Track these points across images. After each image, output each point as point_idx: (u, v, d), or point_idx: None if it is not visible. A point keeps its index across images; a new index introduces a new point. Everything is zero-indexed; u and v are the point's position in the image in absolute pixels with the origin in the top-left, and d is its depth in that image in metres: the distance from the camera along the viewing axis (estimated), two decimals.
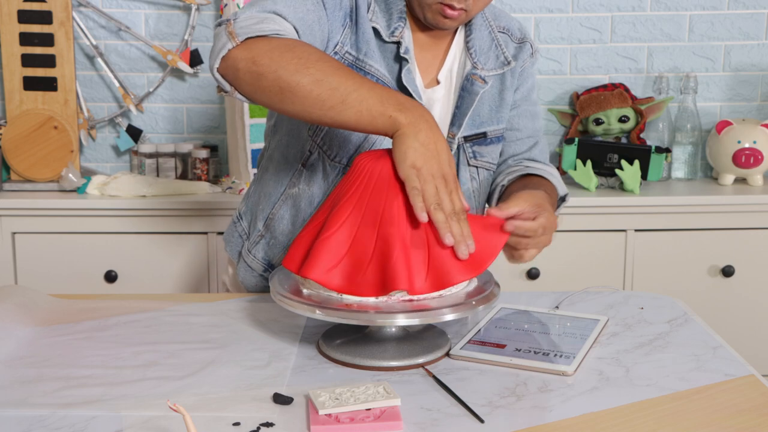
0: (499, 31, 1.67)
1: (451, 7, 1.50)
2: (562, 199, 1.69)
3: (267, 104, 1.37)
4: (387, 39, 1.55)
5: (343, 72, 1.33)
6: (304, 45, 1.36)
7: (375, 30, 1.55)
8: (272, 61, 1.32)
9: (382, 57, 1.56)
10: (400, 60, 1.56)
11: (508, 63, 1.65)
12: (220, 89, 1.41)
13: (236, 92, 1.38)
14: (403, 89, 1.55)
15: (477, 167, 1.66)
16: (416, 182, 1.29)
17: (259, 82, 1.34)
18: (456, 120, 1.62)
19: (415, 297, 1.31)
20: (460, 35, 1.64)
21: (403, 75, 1.55)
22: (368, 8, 1.55)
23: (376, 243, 1.31)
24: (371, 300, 1.31)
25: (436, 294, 1.32)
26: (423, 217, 1.28)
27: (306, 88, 1.31)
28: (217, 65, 1.37)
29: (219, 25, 1.40)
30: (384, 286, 1.30)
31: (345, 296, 1.31)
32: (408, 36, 1.57)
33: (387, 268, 1.30)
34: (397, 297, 1.31)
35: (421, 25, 1.58)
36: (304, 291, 1.35)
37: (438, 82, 1.62)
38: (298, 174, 1.63)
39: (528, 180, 1.65)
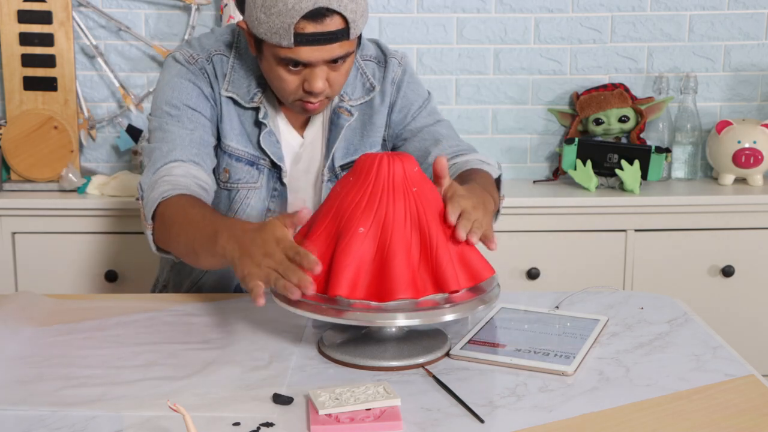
0: (363, 60, 1.76)
1: (310, 102, 1.61)
2: (498, 180, 1.70)
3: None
4: (246, 105, 1.68)
5: (182, 230, 1.48)
6: (168, 210, 1.52)
7: (232, 99, 1.68)
8: (165, 241, 1.55)
9: (242, 125, 1.69)
10: (259, 124, 1.68)
11: (373, 88, 1.75)
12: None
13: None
14: (262, 151, 1.69)
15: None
16: (255, 282, 1.30)
17: (181, 256, 1.55)
18: (327, 152, 1.73)
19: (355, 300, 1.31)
20: None
21: (261, 139, 1.68)
22: (224, 79, 1.68)
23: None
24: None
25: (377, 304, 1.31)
26: (260, 303, 1.29)
27: (183, 255, 1.53)
28: (161, 254, 1.59)
29: (137, 199, 1.62)
30: (327, 288, 1.31)
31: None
32: (268, 100, 1.69)
33: (332, 272, 1.31)
34: (346, 302, 1.31)
35: None
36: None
37: (308, 123, 1.74)
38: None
39: (460, 179, 1.69)
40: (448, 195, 1.39)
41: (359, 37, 1.64)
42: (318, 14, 1.50)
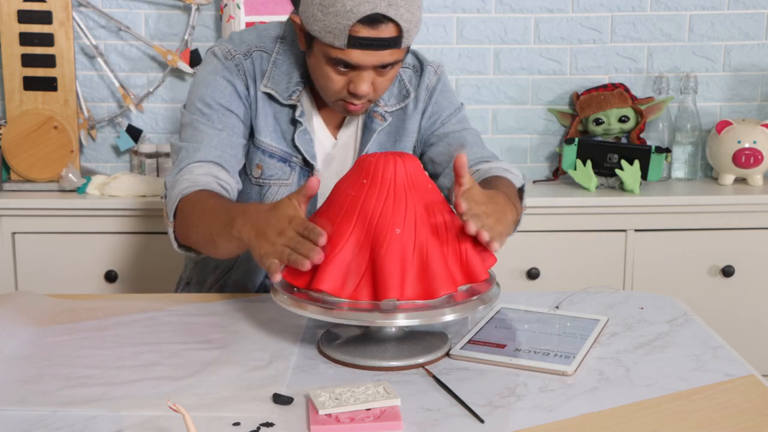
0: (401, 68, 1.77)
1: (353, 103, 1.62)
2: (521, 189, 1.70)
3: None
4: (284, 102, 1.69)
5: (200, 220, 1.51)
6: (188, 205, 1.55)
7: (269, 95, 1.69)
8: (184, 234, 1.58)
9: (277, 121, 1.70)
10: (295, 122, 1.69)
11: (408, 95, 1.76)
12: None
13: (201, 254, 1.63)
14: (296, 149, 1.70)
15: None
16: (271, 260, 1.33)
17: (200, 247, 1.58)
18: (358, 155, 1.74)
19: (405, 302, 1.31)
20: None
21: (296, 137, 1.69)
22: (263, 76, 1.69)
23: (374, 249, 1.32)
24: (364, 302, 1.31)
25: (422, 302, 1.32)
26: (276, 278, 1.32)
27: (201, 246, 1.55)
28: (182, 252, 1.63)
29: (161, 198, 1.63)
30: (376, 293, 1.31)
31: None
32: (306, 99, 1.70)
33: (379, 275, 1.30)
34: (393, 303, 1.31)
35: None
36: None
37: (342, 124, 1.75)
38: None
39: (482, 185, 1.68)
40: (464, 197, 1.38)
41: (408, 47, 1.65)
42: (374, 20, 1.51)
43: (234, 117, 1.67)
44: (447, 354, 1.38)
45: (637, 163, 2.58)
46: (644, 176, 2.60)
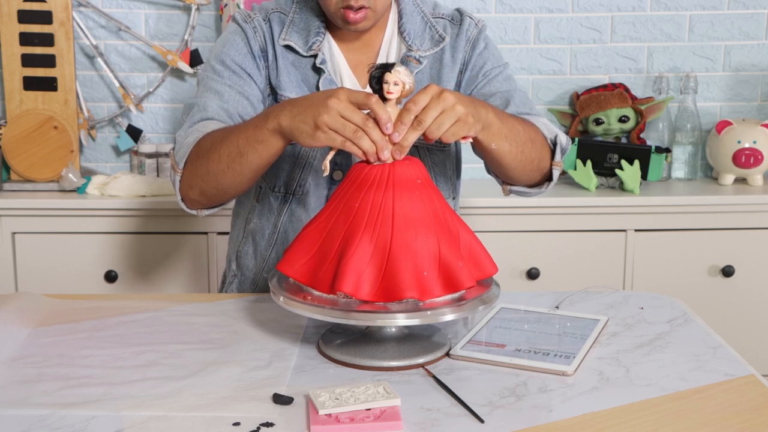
0: (433, 17, 1.73)
1: (351, 9, 1.58)
2: (554, 143, 1.62)
3: (224, 198, 1.59)
4: (305, 54, 1.67)
5: (223, 139, 1.49)
6: (205, 139, 1.53)
7: (289, 47, 1.67)
8: (197, 175, 1.54)
9: (300, 73, 1.67)
10: (318, 71, 1.67)
11: (442, 39, 1.70)
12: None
13: (203, 211, 1.62)
14: None
15: (417, 146, 1.69)
16: (331, 138, 1.32)
17: (208, 196, 1.56)
18: None
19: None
20: (392, 26, 1.71)
21: (320, 85, 1.66)
22: (281, 31, 1.68)
23: (340, 241, 1.32)
24: (325, 296, 1.32)
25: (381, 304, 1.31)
26: (375, 158, 1.32)
27: (222, 171, 1.50)
28: (184, 206, 1.61)
29: (167, 155, 1.57)
30: (332, 285, 1.30)
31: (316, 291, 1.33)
32: (328, 47, 1.68)
33: (338, 268, 1.30)
34: (347, 299, 1.30)
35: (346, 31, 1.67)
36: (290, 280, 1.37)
37: None
38: (253, 209, 1.75)
39: None
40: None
41: None
42: None
43: (246, 76, 1.66)
44: (447, 354, 1.37)
45: (637, 163, 2.58)
46: (644, 176, 2.60)
